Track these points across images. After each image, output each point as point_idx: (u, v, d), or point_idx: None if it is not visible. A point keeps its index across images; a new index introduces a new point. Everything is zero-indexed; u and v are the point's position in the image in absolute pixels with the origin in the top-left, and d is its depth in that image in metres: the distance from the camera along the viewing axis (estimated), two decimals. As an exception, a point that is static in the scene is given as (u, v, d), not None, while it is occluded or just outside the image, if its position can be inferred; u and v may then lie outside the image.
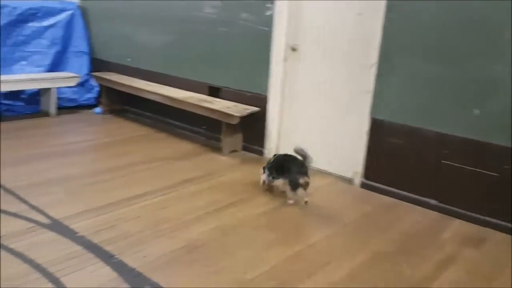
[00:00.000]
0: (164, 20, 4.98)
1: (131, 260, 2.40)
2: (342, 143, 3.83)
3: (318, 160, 3.98)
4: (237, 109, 4.17)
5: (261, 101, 4.23)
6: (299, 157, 3.24)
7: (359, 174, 3.69)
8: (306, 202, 3.26)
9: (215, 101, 4.44)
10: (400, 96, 3.42)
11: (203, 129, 4.80)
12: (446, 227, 3.08)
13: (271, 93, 4.17)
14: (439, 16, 3.15)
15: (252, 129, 4.33)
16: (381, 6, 3.37)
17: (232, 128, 4.22)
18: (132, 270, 2.32)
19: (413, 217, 3.23)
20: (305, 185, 3.21)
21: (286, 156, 3.37)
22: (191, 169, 3.87)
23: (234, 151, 4.38)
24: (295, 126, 4.18)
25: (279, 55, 4.07)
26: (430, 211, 3.30)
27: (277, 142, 4.30)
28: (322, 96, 3.93)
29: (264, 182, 3.44)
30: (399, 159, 3.47)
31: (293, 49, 4.03)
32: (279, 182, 3.37)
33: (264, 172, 3.43)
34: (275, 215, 3.13)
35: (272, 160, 3.45)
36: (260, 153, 4.34)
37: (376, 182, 3.61)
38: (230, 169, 3.95)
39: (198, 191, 3.42)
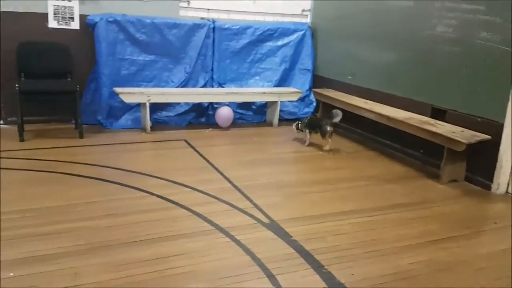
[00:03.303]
0: (392, 38, 4.92)
1: (340, 275, 2.41)
2: None
3: None
4: (463, 135, 3.77)
5: (494, 128, 3.73)
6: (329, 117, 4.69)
7: None
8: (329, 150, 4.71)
9: (438, 124, 4.12)
10: None
11: (420, 153, 4.52)
12: None
13: (508, 120, 3.64)
14: None
15: (479, 158, 3.85)
16: None
17: (456, 155, 3.83)
18: (340, 284, 2.33)
19: None
20: (330, 133, 4.61)
21: (317, 118, 5.04)
22: (402, 194, 3.69)
23: (454, 180, 3.97)
24: (536, 162, 3.54)
25: (524, 78, 3.52)
26: None
27: (509, 177, 3.71)
28: None
29: (299, 131, 4.98)
30: None
31: (545, 71, 3.43)
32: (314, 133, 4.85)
33: (298, 128, 4.96)
34: (504, 258, 2.68)
35: (306, 120, 4.90)
36: (487, 187, 3.81)
37: None
38: (448, 200, 3.60)
39: (410, 218, 3.22)
